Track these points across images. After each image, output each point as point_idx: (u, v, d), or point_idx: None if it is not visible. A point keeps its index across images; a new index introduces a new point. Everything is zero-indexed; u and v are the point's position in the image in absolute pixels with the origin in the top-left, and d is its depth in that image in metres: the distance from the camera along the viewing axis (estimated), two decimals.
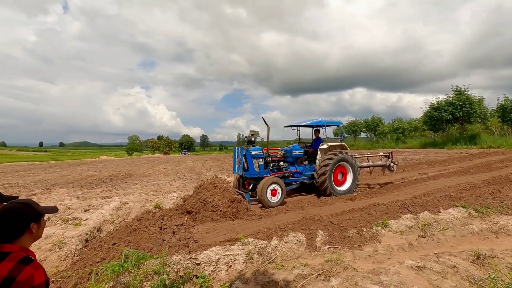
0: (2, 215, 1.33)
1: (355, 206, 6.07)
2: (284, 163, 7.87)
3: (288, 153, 7.96)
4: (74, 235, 4.84)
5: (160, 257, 3.35)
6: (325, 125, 8.22)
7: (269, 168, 7.53)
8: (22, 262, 1.26)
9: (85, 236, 4.88)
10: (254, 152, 7.29)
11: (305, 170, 8.04)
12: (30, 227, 1.38)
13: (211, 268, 3.43)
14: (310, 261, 3.74)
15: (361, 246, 4.24)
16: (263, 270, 3.51)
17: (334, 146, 8.12)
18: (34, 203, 1.46)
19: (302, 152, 8.24)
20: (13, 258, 1.27)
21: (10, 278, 1.20)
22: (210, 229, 5.14)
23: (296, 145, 8.46)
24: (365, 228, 4.69)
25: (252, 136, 7.54)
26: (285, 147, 8.20)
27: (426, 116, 31.84)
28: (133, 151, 64.63)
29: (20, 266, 1.24)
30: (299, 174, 7.93)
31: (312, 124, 8.47)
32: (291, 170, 7.86)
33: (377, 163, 9.73)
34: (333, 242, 4.28)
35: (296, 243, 4.15)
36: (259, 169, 7.31)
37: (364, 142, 43.23)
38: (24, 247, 1.36)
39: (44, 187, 11.21)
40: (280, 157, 7.85)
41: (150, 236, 4.22)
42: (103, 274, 3.13)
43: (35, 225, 1.40)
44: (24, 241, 1.37)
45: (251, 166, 7.17)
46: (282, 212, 5.96)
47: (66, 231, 4.99)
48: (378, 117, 45.54)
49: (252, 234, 4.44)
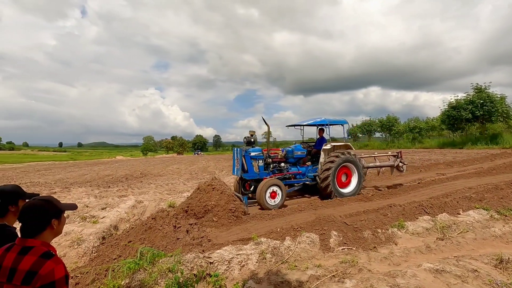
0: (25, 211, 1.38)
1: (370, 207, 5.96)
2: (286, 164, 7.63)
3: (290, 153, 7.70)
4: (91, 232, 4.98)
5: (174, 255, 3.40)
6: (329, 124, 7.89)
7: (270, 170, 7.32)
8: (44, 257, 1.31)
9: (102, 234, 5.02)
10: (253, 153, 7.07)
11: (307, 171, 7.77)
12: (51, 223, 1.42)
13: (224, 267, 3.45)
14: (324, 262, 3.70)
15: (377, 248, 4.15)
16: (276, 270, 3.50)
17: (338, 146, 7.78)
18: (55, 200, 1.50)
19: (305, 152, 7.96)
20: (35, 253, 1.31)
21: (32, 272, 1.25)
22: (223, 229, 5.17)
23: (298, 145, 8.19)
24: (381, 230, 4.59)
25: (251, 137, 7.33)
26: (287, 148, 7.96)
27: (444, 115, 30.84)
28: (147, 151, 65.95)
29: (42, 260, 1.29)
30: (301, 175, 7.68)
31: (315, 123, 8.14)
32: (293, 172, 7.61)
33: (385, 163, 9.25)
34: (348, 243, 4.21)
35: (310, 243, 4.11)
36: (259, 170, 7.10)
37: (379, 142, 42.33)
38: (45, 242, 1.41)
39: (63, 186, 11.61)
40: (281, 158, 7.62)
41: (165, 235, 4.29)
42: (119, 271, 3.21)
43: (56, 221, 1.45)
44: (46, 236, 1.42)
45: (250, 167, 6.97)
46: (295, 212, 5.91)
47: (84, 229, 5.14)
48: (393, 116, 44.51)
49: (265, 234, 4.42)
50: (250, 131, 7.44)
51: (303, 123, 8.47)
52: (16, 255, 1.30)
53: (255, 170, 7.04)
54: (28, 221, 1.37)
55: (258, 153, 7.16)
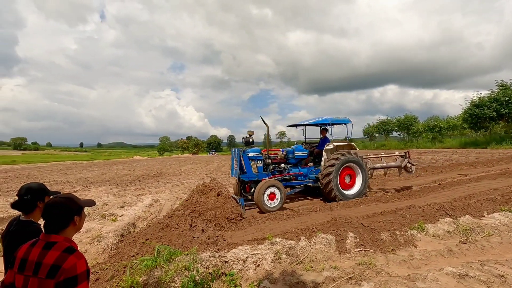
0: (49, 208, 1.43)
1: (388, 208, 5.80)
2: (286, 165, 7.44)
3: (290, 154, 7.48)
4: (111, 230, 5.13)
5: (190, 254, 3.44)
6: (331, 123, 7.62)
7: (269, 171, 7.12)
8: (67, 252, 1.36)
9: (120, 231, 5.16)
10: (252, 153, 6.91)
11: (309, 172, 7.51)
12: (74, 219, 1.48)
13: (239, 267, 3.46)
14: (340, 264, 3.63)
15: (395, 250, 4.04)
16: (291, 270, 3.47)
17: (342, 146, 7.55)
18: (76, 197, 1.56)
19: (306, 153, 7.70)
20: (59, 248, 1.36)
21: (56, 265, 1.30)
22: (238, 228, 5.19)
23: (299, 146, 7.97)
24: (399, 232, 4.46)
25: (249, 137, 7.15)
26: (288, 148, 7.76)
27: (466, 113, 29.64)
28: (164, 151, 67.30)
29: (65, 255, 1.34)
30: (303, 176, 7.44)
31: (317, 122, 7.85)
32: (293, 173, 7.40)
33: (391, 164, 8.82)
34: (365, 245, 4.12)
35: (325, 244, 4.05)
36: (258, 171, 6.92)
37: (397, 142, 41.21)
38: (67, 237, 1.46)
39: (84, 185, 12.03)
40: (281, 159, 7.42)
41: (181, 233, 4.35)
42: (137, 268, 3.28)
43: (78, 218, 1.50)
44: (68, 232, 1.47)
45: (249, 168, 6.80)
46: (310, 213, 5.85)
47: (104, 226, 5.30)
48: (412, 115, 43.23)
49: (279, 234, 4.40)
50: (249, 131, 7.28)
51: (304, 123, 8.27)
52: (40, 250, 1.36)
53: (253, 171, 6.87)
54: (52, 218, 1.42)
55: (256, 153, 6.98)
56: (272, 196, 6.33)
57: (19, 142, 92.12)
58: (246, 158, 6.82)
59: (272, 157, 7.36)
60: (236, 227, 5.24)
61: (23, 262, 1.36)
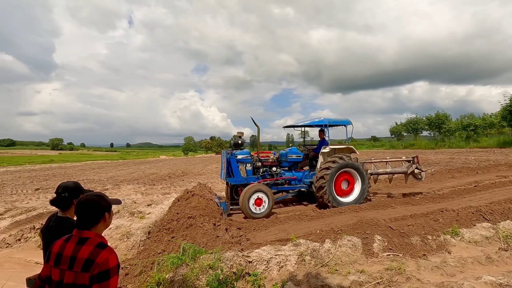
0: (82, 205, 1.51)
1: (418, 211, 5.53)
2: (279, 168, 7.00)
3: (283, 157, 7.04)
4: (139, 227, 5.34)
5: (215, 253, 3.48)
6: (329, 124, 7.07)
7: (259, 174, 6.74)
8: (99, 247, 1.42)
9: (148, 229, 5.35)
10: (240, 156, 6.56)
11: (304, 176, 7.04)
12: (104, 216, 1.55)
13: (263, 267, 3.45)
14: (367, 268, 3.51)
15: (426, 256, 3.83)
16: (316, 273, 3.41)
17: (340, 150, 6.99)
18: (105, 195, 1.63)
19: (301, 156, 7.23)
20: (91, 243, 1.43)
21: (90, 260, 1.37)
22: (261, 228, 5.19)
23: (294, 148, 7.53)
24: (431, 236, 4.23)
25: (239, 138, 6.83)
26: (281, 150, 7.34)
27: (505, 110, 27.60)
28: (188, 151, 69.06)
29: (97, 250, 1.40)
30: (296, 181, 6.99)
31: (313, 123, 7.35)
32: (286, 177, 6.95)
33: (396, 170, 8.12)
34: (393, 249, 3.95)
35: (351, 247, 3.93)
36: (247, 175, 6.56)
37: (426, 141, 39.16)
38: (98, 233, 1.53)
39: (114, 183, 12.62)
40: (273, 162, 7.01)
41: (205, 232, 4.42)
42: (163, 265, 3.37)
43: (108, 214, 1.57)
44: (99, 228, 1.55)
45: (236, 171, 6.48)
46: (335, 214, 5.72)
47: (132, 223, 5.53)
48: (444, 113, 40.96)
49: (303, 235, 4.34)
50: (238, 132, 6.96)
51: (299, 124, 7.83)
52: (74, 245, 1.43)
53: (242, 174, 6.54)
54: (84, 214, 1.50)
55: (245, 156, 6.64)
56: (258, 202, 5.96)
57: (56, 142, 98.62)
58: (234, 160, 6.52)
59: (263, 160, 6.98)
60: (259, 227, 5.25)
61: (58, 256, 1.44)
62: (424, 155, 22.82)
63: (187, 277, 3.12)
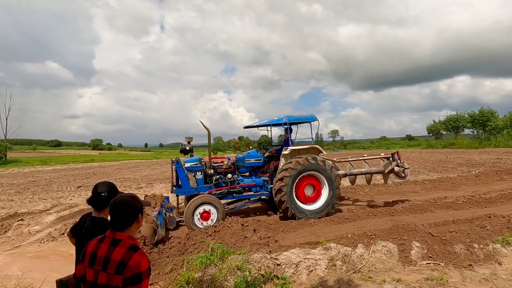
0: (118, 206, 1.52)
1: (461, 216, 5.08)
2: (235, 175, 6.29)
3: (240, 161, 6.34)
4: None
5: (243, 254, 3.46)
6: (289, 122, 6.32)
7: (212, 183, 6.08)
8: (131, 249, 1.43)
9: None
10: (188, 164, 5.95)
11: (265, 182, 6.35)
12: (138, 217, 1.55)
13: (291, 270, 3.36)
14: (405, 277, 3.28)
15: (473, 266, 3.50)
16: (348, 279, 3.25)
17: (305, 150, 6.16)
18: (138, 197, 1.65)
19: (261, 160, 6.48)
20: (124, 245, 1.45)
21: (123, 262, 1.38)
22: (290, 230, 5.09)
23: (253, 151, 6.74)
24: (478, 245, 3.85)
25: (187, 145, 6.16)
26: (238, 154, 6.64)
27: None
28: (217, 151, 70.47)
29: (130, 253, 1.41)
30: (258, 187, 6.30)
31: (272, 122, 6.47)
32: (245, 183, 6.28)
33: (371, 169, 7.19)
34: (434, 257, 3.66)
35: (386, 253, 3.70)
36: (197, 184, 5.92)
37: (469, 140, 36.24)
38: (131, 235, 1.54)
39: (148, 182, 13.19)
40: (228, 168, 6.29)
41: (233, 232, 4.42)
42: (193, 264, 3.42)
43: (141, 216, 1.58)
44: (132, 230, 1.56)
45: (185, 181, 5.88)
46: (368, 217, 5.45)
47: None
48: (489, 109, 37.67)
49: (334, 239, 4.17)
50: (187, 138, 6.23)
51: (257, 124, 6.94)
52: (108, 246, 1.46)
53: (191, 184, 5.92)
54: (119, 216, 1.51)
55: (195, 163, 6.00)
56: (205, 216, 5.39)
57: (96, 143, 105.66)
58: (181, 169, 5.93)
59: (217, 166, 6.26)
60: (288, 229, 5.15)
61: (92, 256, 1.47)
62: (466, 154, 21.16)
63: (215, 277, 3.13)
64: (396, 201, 7.09)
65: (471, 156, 19.09)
